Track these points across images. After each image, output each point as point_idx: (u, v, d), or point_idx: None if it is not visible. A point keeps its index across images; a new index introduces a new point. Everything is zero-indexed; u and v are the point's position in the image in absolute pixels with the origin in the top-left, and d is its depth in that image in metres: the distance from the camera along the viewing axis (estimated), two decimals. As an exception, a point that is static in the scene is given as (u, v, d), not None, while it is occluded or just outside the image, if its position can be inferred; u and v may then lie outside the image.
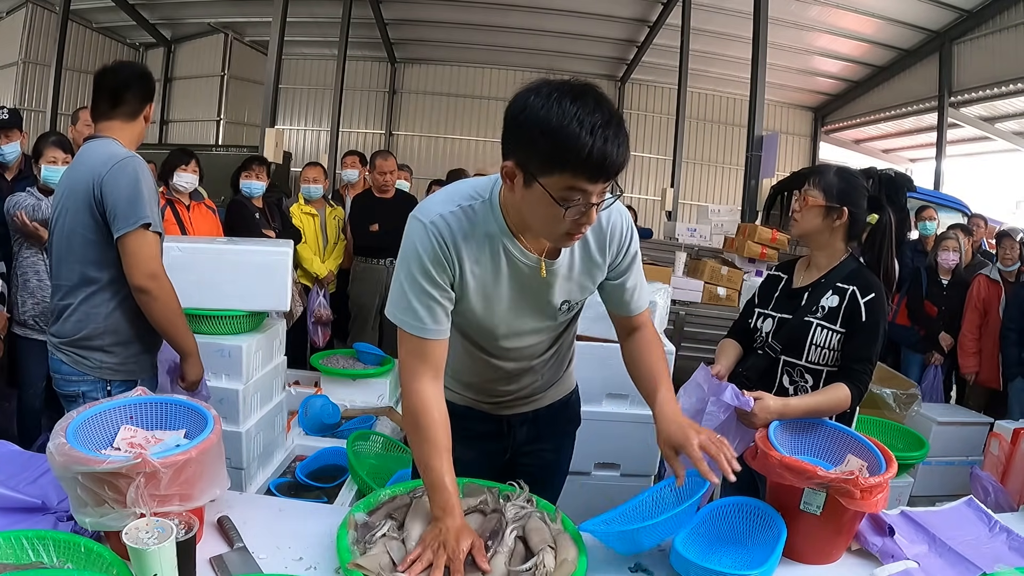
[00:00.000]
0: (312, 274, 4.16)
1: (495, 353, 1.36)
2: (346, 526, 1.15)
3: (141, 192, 1.64)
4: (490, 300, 1.24)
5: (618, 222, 1.28)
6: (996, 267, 3.96)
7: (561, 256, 1.24)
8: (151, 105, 1.83)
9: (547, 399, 1.50)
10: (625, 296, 1.35)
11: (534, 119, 1.02)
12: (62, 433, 1.08)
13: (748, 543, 1.26)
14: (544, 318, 1.32)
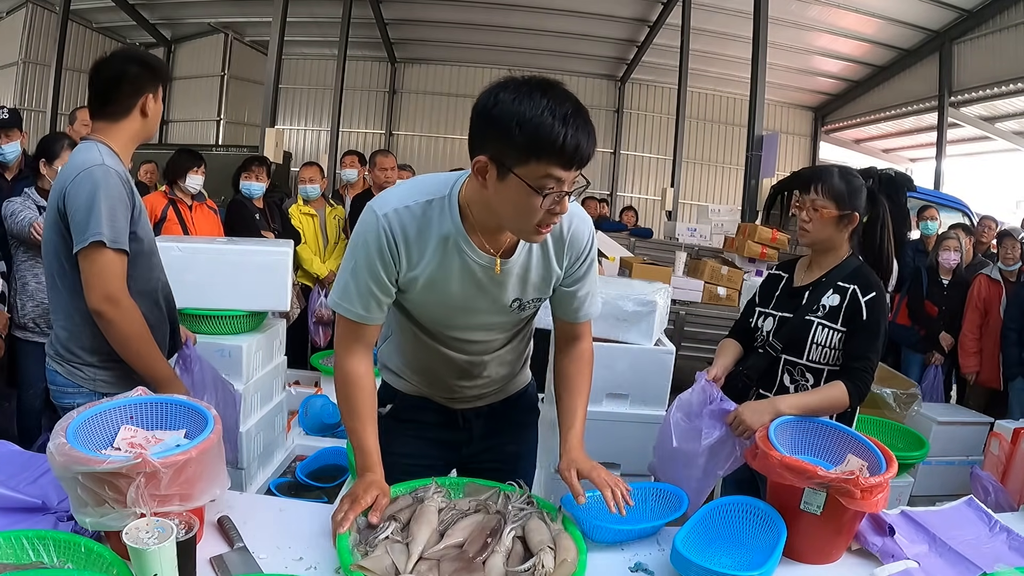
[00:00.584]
0: (312, 275, 4.16)
1: (448, 344, 1.36)
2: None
3: (96, 206, 1.46)
4: (441, 295, 1.26)
5: (580, 229, 1.30)
6: (997, 267, 3.96)
7: (516, 255, 1.25)
8: (149, 96, 1.61)
9: (502, 394, 1.50)
10: (575, 304, 1.37)
11: (508, 112, 1.05)
12: (62, 433, 1.08)
13: (748, 543, 1.26)
14: (495, 314, 1.32)
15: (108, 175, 1.50)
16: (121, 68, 1.59)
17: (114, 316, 1.49)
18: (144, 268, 1.63)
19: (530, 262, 1.27)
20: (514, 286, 1.28)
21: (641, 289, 2.43)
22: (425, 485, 1.30)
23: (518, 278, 1.28)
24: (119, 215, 1.50)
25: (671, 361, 2.34)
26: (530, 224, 1.12)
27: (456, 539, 1.16)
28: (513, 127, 1.04)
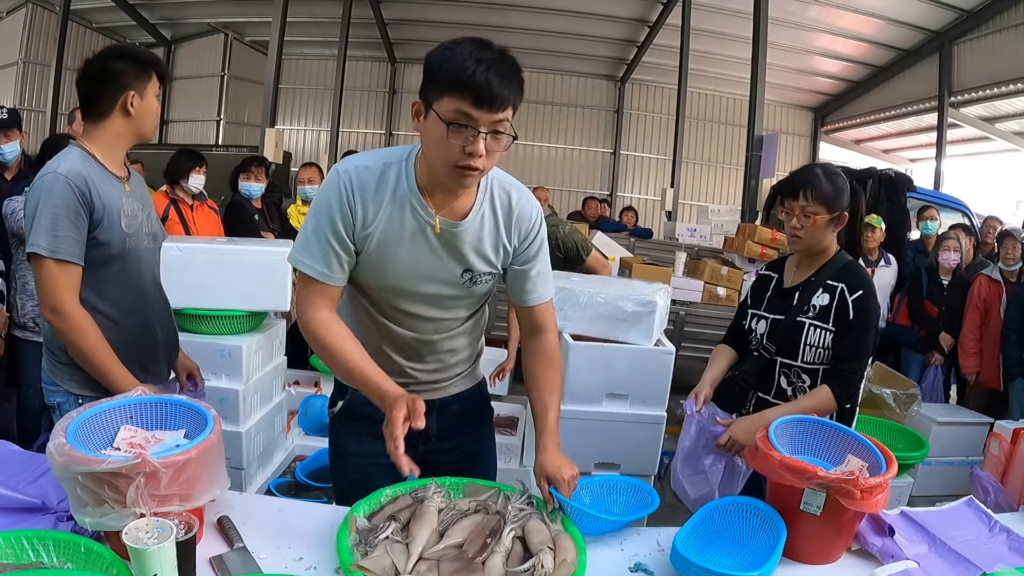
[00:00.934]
0: None
1: (399, 321, 1.36)
2: (347, 526, 1.15)
3: (37, 217, 1.43)
4: (392, 257, 1.28)
5: (527, 207, 1.35)
6: (997, 267, 3.96)
7: (468, 221, 1.28)
8: (132, 94, 1.54)
9: (454, 388, 1.49)
10: (528, 284, 1.39)
11: (437, 56, 1.14)
12: (62, 433, 1.08)
13: (748, 543, 1.26)
14: (446, 285, 1.33)
15: (55, 184, 1.44)
16: (102, 66, 1.55)
17: (59, 327, 1.47)
18: (115, 272, 1.58)
19: (482, 232, 1.31)
20: (465, 255, 1.31)
21: (641, 289, 2.44)
22: (425, 485, 1.30)
23: (469, 246, 1.30)
24: (63, 224, 1.44)
25: (671, 361, 2.34)
26: (449, 163, 1.16)
27: (456, 539, 1.16)
28: (436, 67, 1.14)
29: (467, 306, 1.41)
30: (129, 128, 1.59)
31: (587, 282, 2.45)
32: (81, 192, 1.47)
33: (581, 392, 2.27)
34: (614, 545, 1.29)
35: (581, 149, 12.87)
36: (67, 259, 1.45)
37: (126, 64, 1.55)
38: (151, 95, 1.59)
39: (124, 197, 1.59)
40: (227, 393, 2.33)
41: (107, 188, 1.54)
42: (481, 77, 1.09)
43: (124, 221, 1.57)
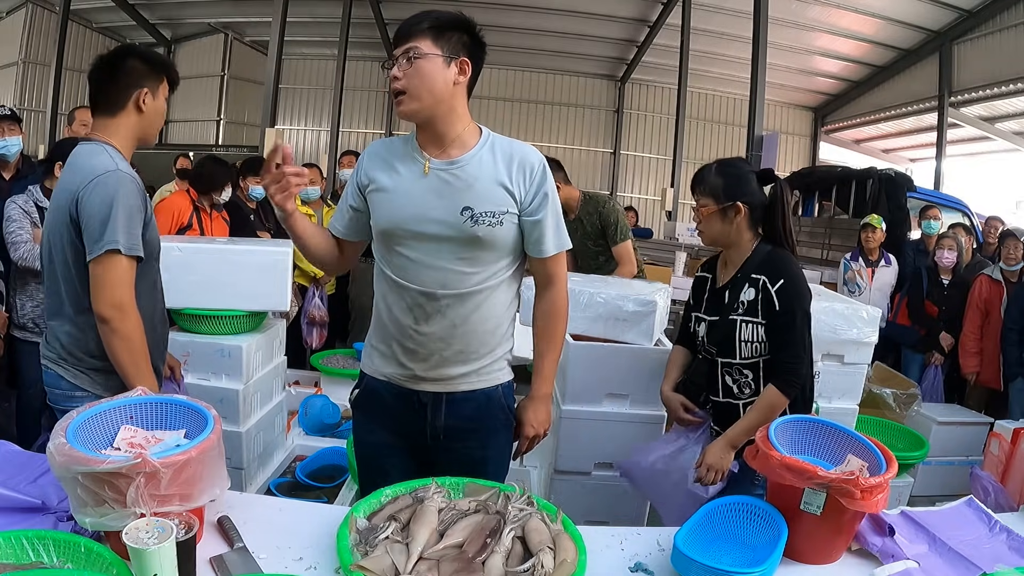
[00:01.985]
0: (310, 274, 4.16)
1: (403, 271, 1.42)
2: (347, 526, 1.15)
3: (114, 214, 1.45)
4: (391, 195, 1.41)
5: (529, 154, 1.43)
6: (998, 267, 3.95)
7: (462, 160, 1.39)
8: (145, 91, 1.57)
9: (463, 384, 1.47)
10: (536, 233, 1.44)
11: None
12: (62, 433, 1.08)
13: (749, 542, 1.26)
14: (445, 225, 1.38)
15: (123, 182, 1.49)
16: (117, 61, 1.57)
17: (119, 324, 1.48)
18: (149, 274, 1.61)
19: (480, 170, 1.39)
20: (463, 192, 1.38)
21: (641, 289, 2.44)
22: (425, 485, 1.30)
23: (466, 183, 1.38)
24: (135, 222, 1.50)
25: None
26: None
27: (456, 539, 1.16)
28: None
29: (477, 263, 1.40)
30: (140, 126, 1.60)
31: (587, 282, 2.45)
32: (142, 191, 1.54)
33: (581, 392, 2.27)
34: (614, 545, 1.29)
35: (581, 149, 12.87)
36: (139, 255, 1.51)
37: (141, 63, 1.58)
38: (160, 96, 1.61)
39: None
40: (227, 393, 2.33)
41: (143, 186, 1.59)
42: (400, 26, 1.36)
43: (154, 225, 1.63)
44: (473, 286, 1.41)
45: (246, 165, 4.08)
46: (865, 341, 2.38)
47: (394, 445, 1.51)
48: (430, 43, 1.33)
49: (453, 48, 1.35)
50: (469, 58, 1.38)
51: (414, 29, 1.33)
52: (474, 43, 1.39)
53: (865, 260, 4.65)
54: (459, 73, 1.37)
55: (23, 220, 2.69)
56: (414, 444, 1.51)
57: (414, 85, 1.34)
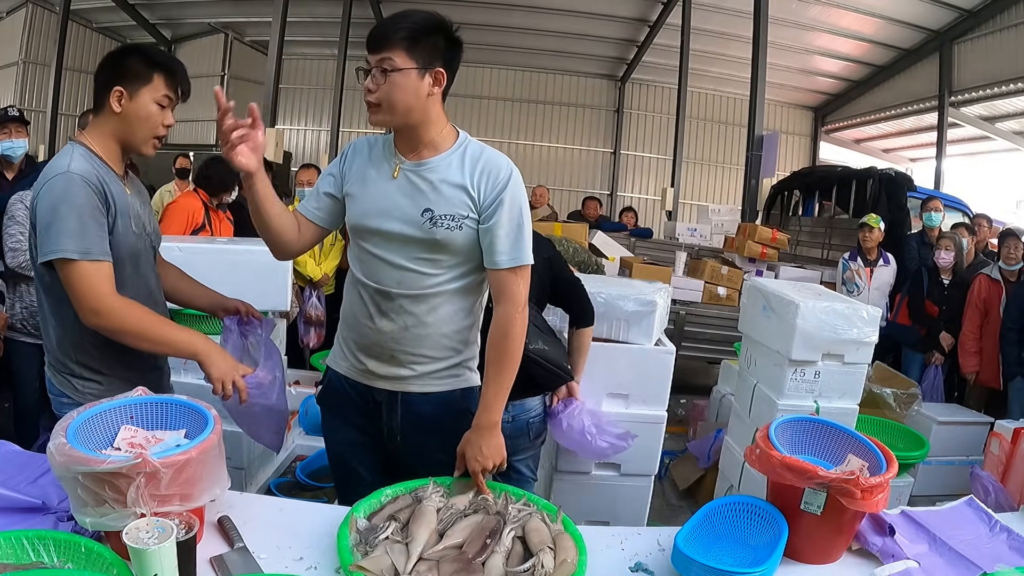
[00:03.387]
0: (306, 276, 4.15)
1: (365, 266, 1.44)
2: (347, 526, 1.15)
3: (58, 220, 1.36)
4: (360, 191, 1.44)
5: (497, 160, 1.42)
6: (998, 266, 3.95)
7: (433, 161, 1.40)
8: (118, 90, 1.46)
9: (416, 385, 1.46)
10: (487, 240, 1.40)
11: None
12: (62, 433, 1.08)
13: (749, 542, 1.26)
14: (407, 224, 1.39)
15: (71, 183, 1.38)
16: (107, 59, 1.51)
17: (107, 325, 1.41)
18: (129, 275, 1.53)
19: (447, 173, 1.40)
20: (425, 194, 1.39)
21: (641, 289, 2.44)
22: (424, 485, 1.30)
23: (430, 185, 1.39)
24: (90, 225, 1.39)
25: (671, 361, 2.34)
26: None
27: (455, 540, 1.16)
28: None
29: (435, 266, 1.40)
30: (118, 128, 1.50)
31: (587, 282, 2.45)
32: (99, 190, 1.42)
33: (581, 392, 2.27)
34: (614, 545, 1.29)
35: (581, 149, 12.86)
36: (100, 258, 1.39)
37: (131, 60, 1.48)
38: (146, 98, 1.48)
39: (128, 197, 1.54)
40: (227, 393, 2.33)
41: (115, 187, 1.49)
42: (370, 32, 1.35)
43: (132, 222, 1.52)
44: (429, 287, 1.41)
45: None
46: (865, 341, 2.38)
47: (359, 442, 1.54)
48: (404, 55, 1.32)
49: (428, 57, 1.35)
50: (444, 66, 1.39)
51: (390, 38, 1.32)
52: (450, 47, 1.40)
53: (863, 260, 4.65)
54: (433, 84, 1.37)
55: (26, 222, 2.67)
56: (377, 442, 1.53)
57: (387, 98, 1.35)
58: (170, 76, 1.51)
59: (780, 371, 2.41)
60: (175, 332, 1.48)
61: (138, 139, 1.52)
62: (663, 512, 3.10)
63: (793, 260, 6.40)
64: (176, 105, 1.55)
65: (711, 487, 3.02)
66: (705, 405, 3.96)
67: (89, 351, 1.50)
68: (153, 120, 1.50)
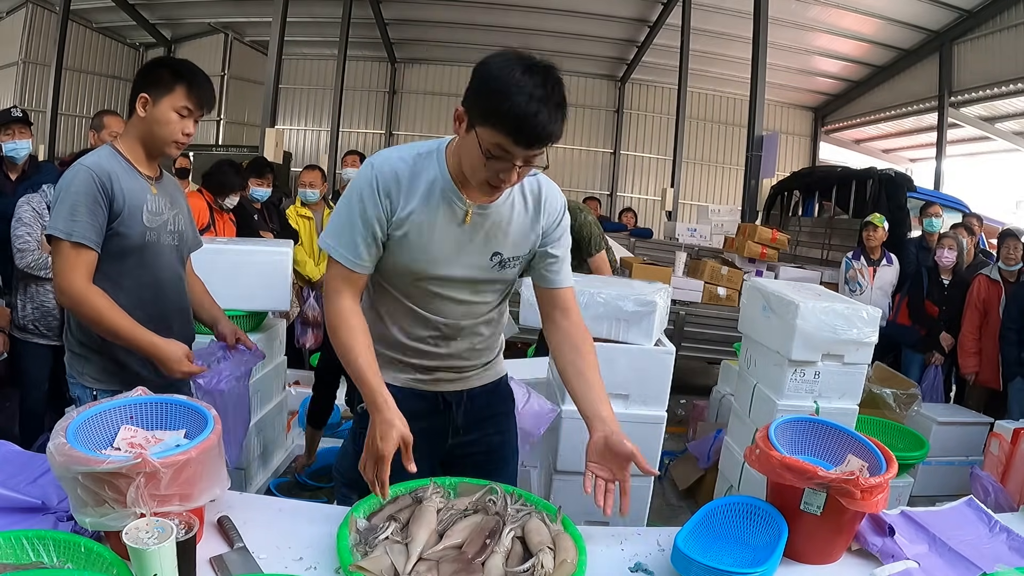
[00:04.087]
0: (305, 276, 4.15)
1: (426, 304, 1.39)
2: (347, 526, 1.15)
3: (60, 202, 1.53)
4: (425, 240, 1.31)
5: (554, 192, 1.40)
6: (997, 266, 3.95)
7: (497, 206, 1.32)
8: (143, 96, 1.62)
9: (478, 379, 1.52)
10: (554, 265, 1.41)
11: (486, 74, 1.15)
12: (62, 433, 1.08)
13: (749, 542, 1.26)
14: (476, 269, 1.36)
15: (77, 174, 1.54)
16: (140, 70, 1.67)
17: (68, 305, 1.56)
18: (133, 264, 1.64)
19: (512, 216, 1.34)
20: (495, 239, 1.35)
21: (641, 289, 2.44)
22: (424, 485, 1.30)
23: (499, 231, 1.34)
24: (80, 210, 1.52)
25: (671, 361, 2.34)
26: (481, 179, 1.22)
27: (455, 540, 1.16)
28: (486, 89, 1.14)
29: (496, 291, 1.44)
30: (140, 131, 1.65)
31: (587, 282, 2.45)
32: (101, 183, 1.54)
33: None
34: (614, 545, 1.29)
35: (581, 149, 12.86)
36: (81, 242, 1.52)
37: (160, 70, 1.63)
38: (166, 107, 1.61)
39: (149, 194, 1.65)
40: (227, 393, 2.33)
41: (131, 183, 1.61)
42: (529, 121, 1.11)
43: (146, 216, 1.63)
44: (491, 311, 1.47)
45: (251, 167, 4.08)
46: (865, 341, 2.38)
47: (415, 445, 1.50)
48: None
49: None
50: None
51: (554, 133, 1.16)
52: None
53: (867, 259, 4.65)
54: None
55: (34, 224, 2.68)
56: (433, 441, 1.52)
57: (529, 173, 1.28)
58: (191, 88, 1.63)
59: (780, 371, 2.41)
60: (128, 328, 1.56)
61: (158, 142, 1.65)
62: (663, 512, 3.10)
63: (793, 260, 6.41)
64: (199, 116, 1.67)
65: (711, 487, 3.02)
66: (705, 405, 3.96)
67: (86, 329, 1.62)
68: (173, 126, 1.63)
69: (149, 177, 1.68)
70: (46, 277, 2.71)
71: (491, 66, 1.15)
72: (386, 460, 1.18)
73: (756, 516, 1.30)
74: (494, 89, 1.12)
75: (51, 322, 2.76)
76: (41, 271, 2.67)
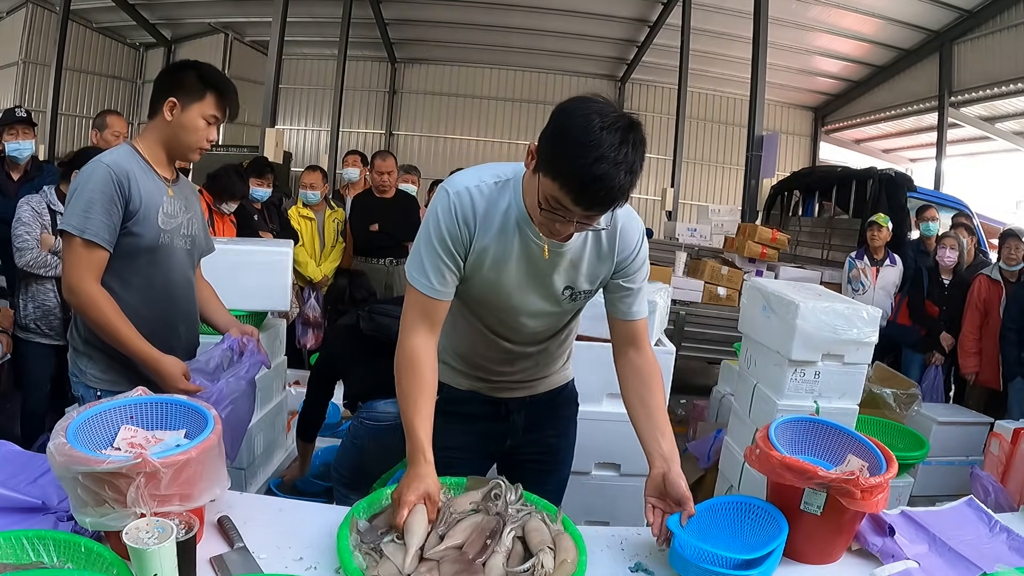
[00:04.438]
0: (306, 276, 4.15)
1: (499, 331, 1.41)
2: (347, 526, 1.15)
3: (75, 198, 1.53)
4: (501, 273, 1.30)
5: (630, 226, 1.33)
6: (998, 267, 3.95)
7: (572, 242, 1.27)
8: (172, 100, 1.60)
9: (543, 387, 1.54)
10: (628, 297, 1.38)
11: (562, 121, 1.09)
12: (62, 433, 1.08)
13: (749, 542, 1.26)
14: (548, 301, 1.35)
15: (96, 170, 1.53)
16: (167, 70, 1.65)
17: (75, 303, 1.55)
18: (144, 264, 1.63)
19: (584, 252, 1.31)
20: (567, 273, 1.32)
21: (641, 289, 2.43)
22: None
23: (571, 264, 1.31)
24: (95, 208, 1.51)
25: (671, 361, 2.34)
26: (539, 222, 1.20)
27: (456, 540, 1.16)
28: (558, 137, 1.08)
29: (566, 317, 1.45)
30: (169, 133, 1.63)
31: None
32: (118, 181, 1.53)
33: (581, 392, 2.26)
34: (614, 545, 1.29)
35: (581, 149, 12.84)
36: (93, 240, 1.51)
37: (189, 75, 1.61)
38: (195, 113, 1.61)
39: (165, 196, 1.64)
40: (227, 393, 2.33)
41: (148, 184, 1.60)
42: (592, 183, 1.05)
43: (161, 218, 1.62)
44: (559, 333, 1.48)
45: (251, 167, 4.08)
46: (865, 341, 2.37)
47: (474, 447, 1.53)
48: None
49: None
50: None
51: (619, 202, 1.11)
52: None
53: (870, 259, 4.66)
54: None
55: (33, 223, 2.69)
56: (490, 444, 1.55)
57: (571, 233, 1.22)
58: (221, 97, 1.63)
59: (780, 371, 2.41)
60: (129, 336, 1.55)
61: (183, 148, 1.65)
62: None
63: (793, 260, 6.41)
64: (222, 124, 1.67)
65: (711, 487, 3.02)
66: (705, 405, 3.96)
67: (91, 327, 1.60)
68: (199, 133, 1.63)
69: (166, 179, 1.67)
70: (46, 276, 2.72)
71: (569, 113, 1.08)
72: (404, 508, 1.15)
73: (756, 516, 1.30)
74: (566, 140, 1.06)
75: (52, 321, 2.76)
76: (40, 269, 2.68)
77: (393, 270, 4.25)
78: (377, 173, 4.26)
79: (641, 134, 1.08)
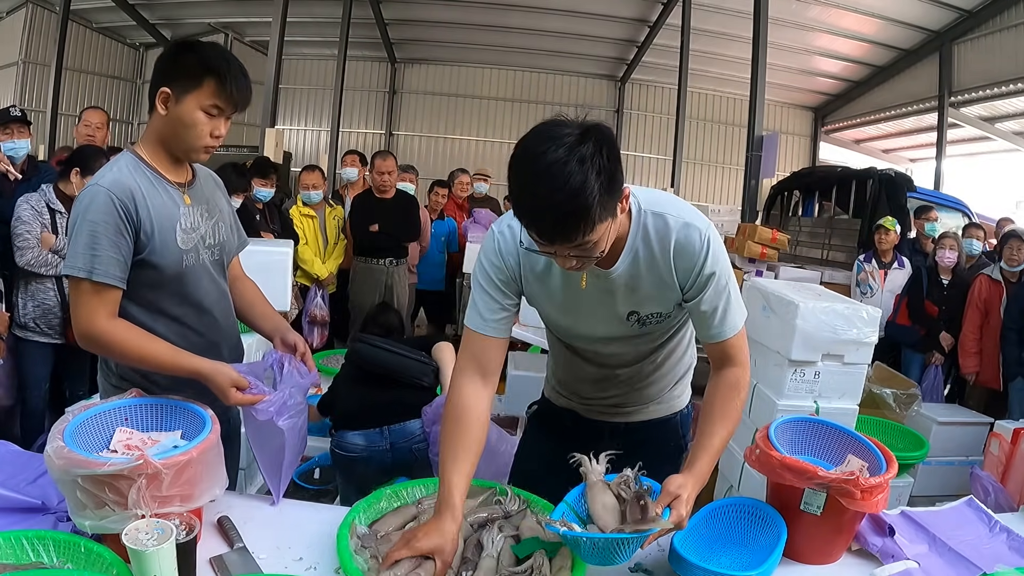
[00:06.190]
0: (313, 275, 4.16)
1: (584, 355, 1.42)
2: (347, 527, 1.15)
3: (76, 235, 1.28)
4: (556, 305, 1.32)
5: (686, 237, 1.22)
6: (999, 267, 3.95)
7: (619, 266, 1.22)
8: (165, 91, 1.32)
9: (641, 415, 1.49)
10: (704, 320, 1.27)
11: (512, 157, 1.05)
12: (60, 436, 1.07)
13: (748, 543, 1.26)
14: (614, 327, 1.31)
15: (95, 198, 1.28)
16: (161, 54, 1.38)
17: (96, 349, 1.34)
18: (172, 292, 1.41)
19: (636, 272, 1.23)
20: (625, 298, 1.26)
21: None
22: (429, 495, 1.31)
23: (626, 291, 1.25)
24: (101, 243, 1.27)
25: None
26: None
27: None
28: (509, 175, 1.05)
29: (651, 340, 1.38)
30: (164, 133, 1.37)
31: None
32: (123, 206, 1.29)
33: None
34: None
35: (581, 149, 12.85)
36: (104, 281, 1.28)
37: (184, 58, 1.33)
38: (192, 105, 1.32)
39: (182, 208, 1.39)
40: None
41: (159, 199, 1.35)
42: (535, 223, 1.04)
43: (180, 237, 1.38)
44: (647, 354, 1.42)
45: (255, 167, 4.08)
46: (865, 341, 2.38)
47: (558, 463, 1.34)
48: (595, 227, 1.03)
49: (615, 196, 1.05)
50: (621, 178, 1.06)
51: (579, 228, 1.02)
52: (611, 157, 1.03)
53: (878, 262, 4.66)
54: (622, 211, 1.12)
55: (33, 222, 2.69)
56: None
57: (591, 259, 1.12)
58: (222, 83, 1.32)
59: (780, 371, 2.41)
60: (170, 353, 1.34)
61: (184, 147, 1.37)
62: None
63: (793, 260, 6.40)
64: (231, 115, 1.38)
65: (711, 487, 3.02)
66: (705, 405, 3.95)
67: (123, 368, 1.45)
68: (199, 129, 1.34)
69: (180, 184, 1.41)
70: (46, 275, 2.72)
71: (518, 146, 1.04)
72: (409, 551, 1.09)
73: (755, 516, 1.30)
74: (510, 175, 1.04)
75: (52, 320, 2.76)
76: (40, 268, 2.68)
77: (393, 270, 4.25)
78: (377, 173, 4.26)
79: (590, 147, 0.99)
